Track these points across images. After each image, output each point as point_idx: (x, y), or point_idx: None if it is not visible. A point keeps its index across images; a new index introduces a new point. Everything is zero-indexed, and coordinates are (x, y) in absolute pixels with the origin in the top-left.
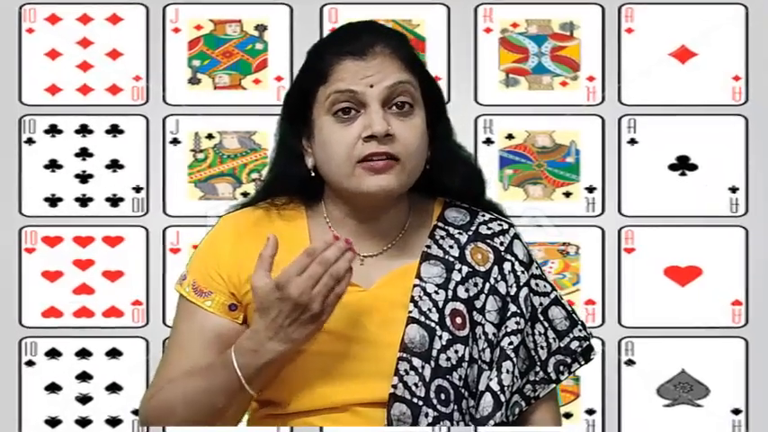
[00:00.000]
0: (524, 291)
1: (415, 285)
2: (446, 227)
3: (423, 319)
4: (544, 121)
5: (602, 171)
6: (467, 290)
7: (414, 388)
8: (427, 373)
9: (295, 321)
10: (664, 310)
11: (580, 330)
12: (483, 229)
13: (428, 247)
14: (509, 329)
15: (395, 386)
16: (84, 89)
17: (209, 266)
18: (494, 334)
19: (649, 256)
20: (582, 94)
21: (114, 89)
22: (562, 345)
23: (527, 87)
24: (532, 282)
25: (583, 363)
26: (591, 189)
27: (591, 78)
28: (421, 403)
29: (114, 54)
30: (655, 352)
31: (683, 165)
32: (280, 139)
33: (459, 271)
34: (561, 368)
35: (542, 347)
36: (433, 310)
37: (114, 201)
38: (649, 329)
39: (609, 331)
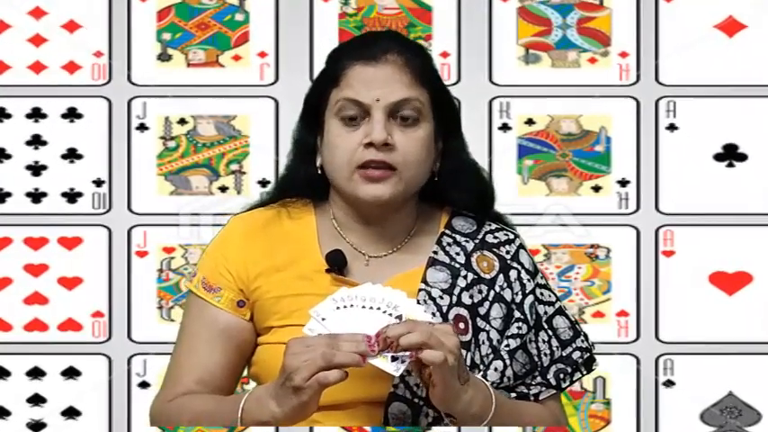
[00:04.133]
0: (530, 298)
1: (420, 289)
2: (453, 234)
3: None
4: (570, 103)
5: (636, 162)
6: (471, 296)
7: (415, 388)
8: None
9: (283, 386)
10: (708, 322)
11: (582, 341)
12: (489, 238)
13: (435, 252)
14: (509, 333)
15: (395, 385)
16: (37, 67)
17: (218, 263)
18: (498, 341)
19: (691, 261)
20: (613, 72)
21: (72, 67)
22: (564, 354)
23: (550, 65)
24: (537, 290)
25: (585, 372)
26: (624, 182)
27: (624, 54)
28: (422, 403)
29: (72, 26)
30: (698, 371)
31: (730, 154)
32: (295, 137)
33: (465, 277)
34: (562, 376)
35: (546, 354)
36: (437, 314)
37: (71, 196)
38: (691, 345)
39: (645, 347)
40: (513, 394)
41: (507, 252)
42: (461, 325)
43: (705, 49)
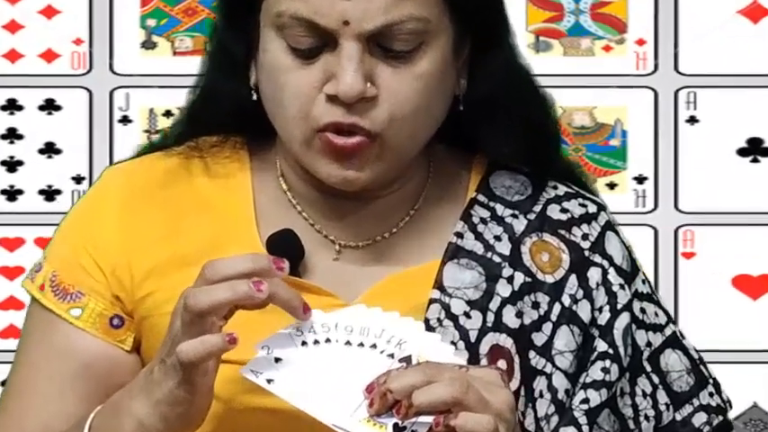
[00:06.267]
0: (623, 318)
1: (431, 301)
2: (491, 202)
3: None
4: (583, 94)
5: (654, 157)
6: (520, 314)
7: None
8: None
9: (169, 354)
10: (731, 328)
11: (712, 394)
12: (554, 211)
13: (458, 235)
14: (589, 380)
15: None
16: (12, 55)
17: (79, 251)
18: (567, 391)
19: (713, 263)
20: (630, 61)
21: (49, 55)
22: (679, 417)
23: (561, 53)
24: (637, 304)
25: None
26: (641, 179)
27: (641, 42)
28: None
29: (49, 12)
30: (720, 381)
31: (754, 149)
32: (212, 39)
33: (510, 280)
34: None
35: (648, 417)
36: (461, 345)
37: (49, 194)
38: (713, 353)
39: None
40: None
41: (585, 236)
42: (501, 364)
43: (728, 37)
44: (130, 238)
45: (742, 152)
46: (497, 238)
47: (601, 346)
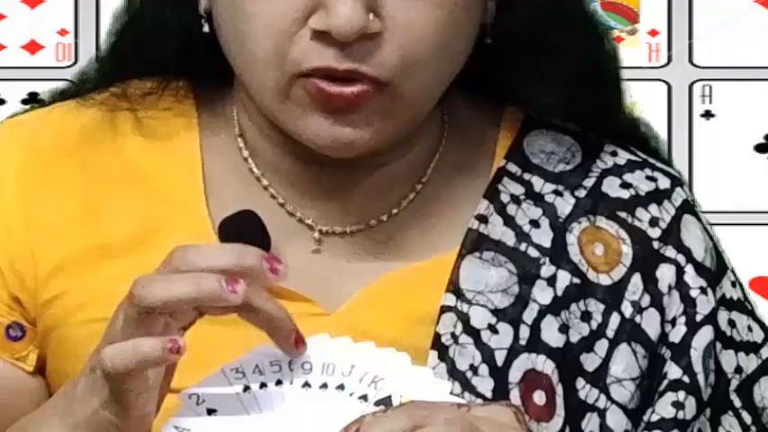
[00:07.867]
0: (704, 334)
1: (444, 309)
2: (526, 174)
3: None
4: None
5: (667, 153)
6: (565, 328)
7: None
8: None
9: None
10: None
11: None
12: (612, 187)
13: (481, 219)
14: (656, 417)
15: None
16: None
17: None
18: None
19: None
20: (642, 52)
21: (33, 46)
22: None
23: None
24: (724, 315)
25: None
26: None
27: (654, 33)
28: None
29: (33, 0)
30: None
31: None
32: None
33: (551, 282)
34: None
35: None
36: (483, 370)
37: None
38: None
39: None
40: None
41: (654, 221)
42: (538, 397)
43: (745, 27)
44: (34, 220)
45: (759, 148)
46: (534, 224)
47: (673, 371)
